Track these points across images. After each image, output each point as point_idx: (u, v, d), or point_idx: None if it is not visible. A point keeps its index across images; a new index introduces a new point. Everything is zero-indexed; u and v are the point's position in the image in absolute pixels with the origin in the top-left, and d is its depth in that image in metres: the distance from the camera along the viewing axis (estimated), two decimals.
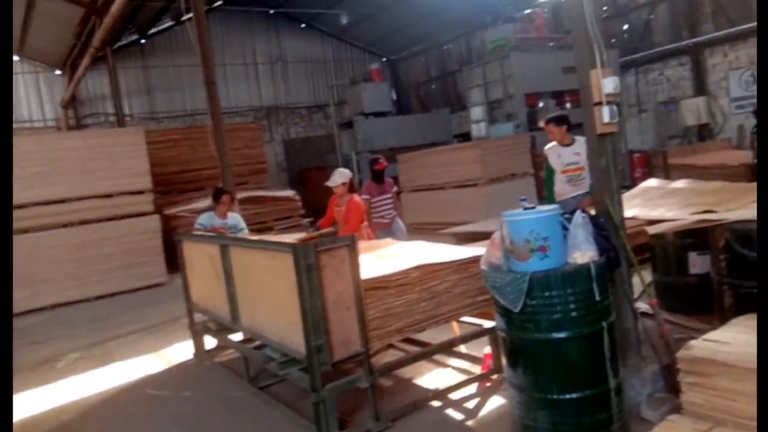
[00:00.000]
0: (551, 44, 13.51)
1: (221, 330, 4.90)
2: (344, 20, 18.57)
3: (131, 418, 4.39)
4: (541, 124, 5.71)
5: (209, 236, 5.14)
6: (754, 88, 13.42)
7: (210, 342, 5.40)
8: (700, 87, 14.40)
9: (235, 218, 6.20)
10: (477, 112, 13.59)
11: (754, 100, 12.89)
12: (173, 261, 7.08)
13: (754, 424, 2.48)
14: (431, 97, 22.03)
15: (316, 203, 17.19)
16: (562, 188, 5.43)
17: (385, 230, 6.81)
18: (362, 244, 4.87)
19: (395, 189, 7.45)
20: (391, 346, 4.69)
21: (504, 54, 12.58)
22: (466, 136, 15.02)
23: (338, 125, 17.02)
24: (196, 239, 5.19)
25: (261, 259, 3.84)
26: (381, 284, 3.58)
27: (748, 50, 13.53)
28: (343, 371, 3.62)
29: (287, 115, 20.89)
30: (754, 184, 5.11)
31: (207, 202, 8.24)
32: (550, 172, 5.53)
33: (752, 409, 2.49)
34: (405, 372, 4.37)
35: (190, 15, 8.20)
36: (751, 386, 2.49)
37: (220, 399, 4.45)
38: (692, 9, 14.57)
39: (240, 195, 9.26)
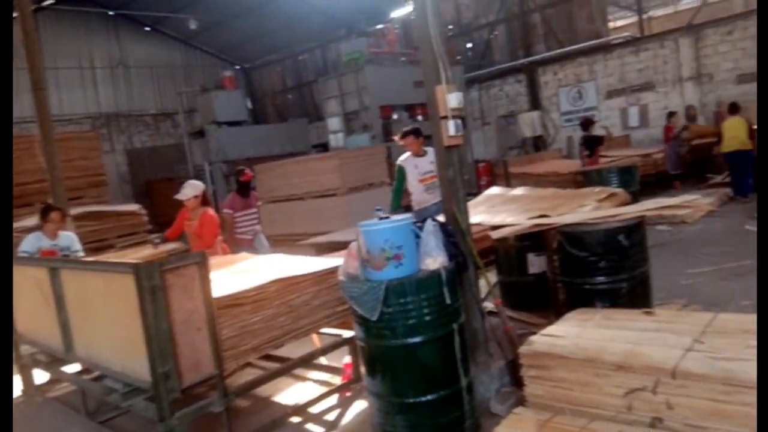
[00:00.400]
0: (403, 59, 14.05)
1: (53, 362, 4.38)
2: (193, 25, 17.78)
3: None
4: (397, 138, 5.94)
5: (35, 259, 4.58)
6: (581, 103, 15.07)
7: (41, 376, 4.81)
8: (535, 102, 15.84)
9: (68, 237, 5.55)
10: (334, 122, 13.71)
11: (581, 114, 14.46)
12: None
13: (589, 410, 2.72)
14: (288, 107, 21.84)
15: (165, 217, 16.14)
16: (421, 197, 5.67)
17: (247, 246, 6.54)
18: (216, 260, 4.66)
19: (260, 203, 7.17)
20: (248, 364, 4.51)
21: (358, 67, 12.83)
22: (324, 147, 15.08)
23: (188, 134, 16.18)
24: (20, 262, 4.60)
25: (98, 282, 3.48)
26: (236, 301, 3.42)
27: (574, 69, 15.16)
28: (195, 395, 3.41)
29: (130, 123, 19.46)
30: (582, 190, 5.70)
31: (35, 220, 7.37)
32: (401, 183, 5.73)
33: (587, 396, 2.73)
34: (264, 390, 4.22)
35: (15, 14, 7.34)
36: (584, 376, 2.74)
37: None
38: (526, 31, 16.01)
39: (74, 211, 8.38)
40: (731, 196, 9.34)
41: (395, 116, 13.07)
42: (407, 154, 5.76)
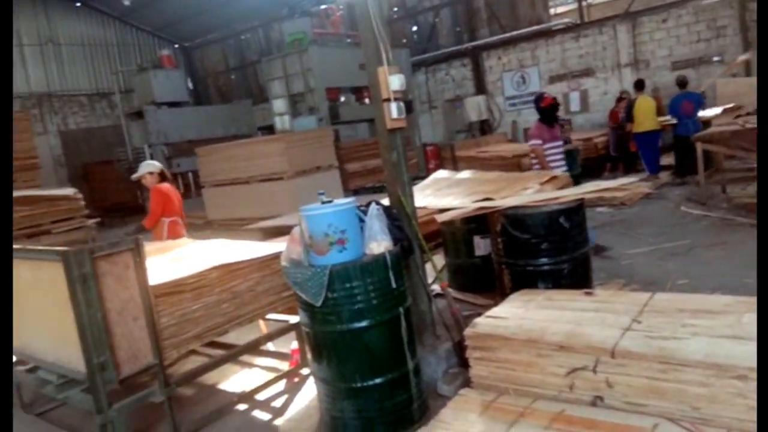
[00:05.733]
0: (348, 41, 13.85)
1: None
2: (127, 1, 16.95)
3: None
4: None
5: None
6: (524, 87, 15.29)
7: None
8: (480, 86, 15.98)
9: None
10: (279, 104, 13.40)
11: (524, 99, 14.69)
12: None
13: (532, 390, 2.77)
14: (232, 88, 21.28)
15: (104, 201, 15.55)
16: None
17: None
18: (154, 246, 4.50)
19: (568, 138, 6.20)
20: (193, 352, 4.39)
21: (302, 47, 12.56)
22: (270, 129, 14.76)
23: (126, 115, 15.49)
24: None
25: (25, 270, 3.29)
26: (175, 289, 3.31)
27: (517, 54, 15.36)
28: (137, 385, 3.29)
29: (64, 104, 18.51)
30: (525, 173, 5.79)
31: None
32: None
33: (530, 376, 2.78)
34: (209, 378, 4.14)
35: None
36: (527, 356, 2.79)
37: None
38: (470, 15, 16.08)
39: None
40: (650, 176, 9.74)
41: (342, 98, 12.90)
42: None
